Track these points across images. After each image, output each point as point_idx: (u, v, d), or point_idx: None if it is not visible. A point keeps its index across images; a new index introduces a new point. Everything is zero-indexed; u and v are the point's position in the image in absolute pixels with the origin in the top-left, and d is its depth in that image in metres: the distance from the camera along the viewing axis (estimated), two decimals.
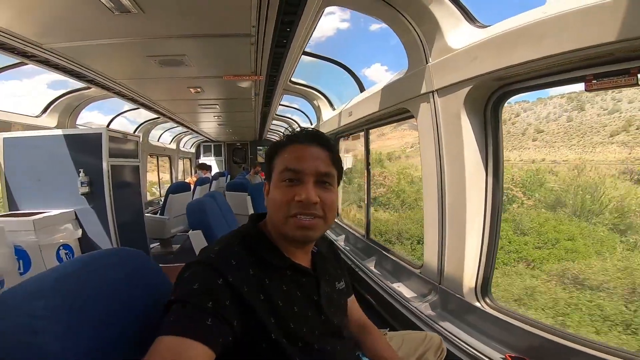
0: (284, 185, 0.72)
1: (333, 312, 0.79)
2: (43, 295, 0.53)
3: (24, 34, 1.79)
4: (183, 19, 1.83)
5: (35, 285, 0.56)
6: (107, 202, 2.90)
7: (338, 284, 0.88)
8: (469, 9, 1.58)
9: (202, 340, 0.54)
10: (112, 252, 0.74)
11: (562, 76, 1.25)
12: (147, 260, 0.79)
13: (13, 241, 2.29)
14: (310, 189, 0.70)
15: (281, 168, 0.72)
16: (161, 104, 4.05)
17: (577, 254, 3.41)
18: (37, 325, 0.50)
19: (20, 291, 0.54)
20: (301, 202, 0.69)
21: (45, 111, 3.62)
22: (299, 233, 0.71)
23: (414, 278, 2.07)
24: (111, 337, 0.60)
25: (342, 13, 29.71)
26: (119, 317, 0.63)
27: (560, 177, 4.92)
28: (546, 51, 1.15)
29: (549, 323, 1.36)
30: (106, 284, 0.65)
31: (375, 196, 6.39)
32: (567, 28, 1.07)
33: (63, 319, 0.53)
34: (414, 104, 1.84)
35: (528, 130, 6.74)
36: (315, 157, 0.73)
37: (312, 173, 0.71)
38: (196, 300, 0.58)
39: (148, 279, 0.75)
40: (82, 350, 0.54)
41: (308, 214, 0.70)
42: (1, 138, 2.80)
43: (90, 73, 2.53)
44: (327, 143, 0.77)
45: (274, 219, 0.74)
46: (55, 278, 0.58)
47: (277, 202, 0.71)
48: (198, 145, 10.40)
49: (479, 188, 1.55)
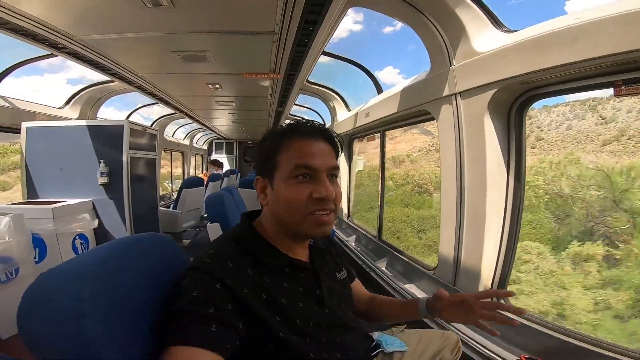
0: (296, 183, 0.70)
1: (337, 304, 0.80)
2: (87, 277, 0.52)
3: (58, 25, 1.85)
4: (210, 14, 1.87)
5: (78, 267, 0.55)
6: (124, 193, 2.96)
7: (339, 275, 0.88)
8: (495, 14, 1.58)
9: (210, 348, 0.54)
10: (146, 237, 0.73)
11: (590, 81, 1.25)
12: (175, 247, 0.80)
13: (31, 229, 2.29)
14: (328, 186, 0.70)
15: (292, 165, 0.70)
16: (179, 99, 4.12)
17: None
18: (82, 309, 0.48)
19: (63, 273, 0.54)
20: (320, 199, 0.69)
21: (69, 103, 3.72)
22: (319, 230, 0.71)
23: (426, 279, 2.06)
24: (149, 322, 0.60)
25: (355, 15, 29.73)
26: (155, 302, 0.63)
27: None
28: (578, 56, 1.14)
29: (564, 324, 1.35)
30: (144, 268, 0.65)
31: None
32: (602, 33, 1.06)
33: (106, 302, 0.52)
34: (436, 105, 1.84)
35: (529, 138, 6.67)
36: (325, 152, 0.72)
37: (325, 169, 0.71)
38: (198, 309, 0.57)
39: (178, 264, 0.76)
40: (122, 335, 0.53)
41: (326, 210, 0.70)
42: (24, 127, 2.89)
43: (114, 66, 2.59)
44: (331, 137, 0.76)
45: (286, 218, 0.72)
46: (98, 260, 0.57)
47: (293, 201, 0.69)
48: (210, 142, 10.52)
49: (500, 190, 1.54)
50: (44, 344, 0.48)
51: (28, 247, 2.12)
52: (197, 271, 0.63)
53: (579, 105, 6.03)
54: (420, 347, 1.03)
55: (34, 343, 0.49)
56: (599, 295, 2.77)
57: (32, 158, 2.91)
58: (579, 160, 3.51)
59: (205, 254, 0.68)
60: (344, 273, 0.90)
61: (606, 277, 2.92)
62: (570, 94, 1.37)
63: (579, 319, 2.74)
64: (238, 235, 0.75)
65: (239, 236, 0.74)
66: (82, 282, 0.50)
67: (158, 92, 3.65)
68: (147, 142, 3.36)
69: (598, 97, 4.24)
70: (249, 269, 0.67)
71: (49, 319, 0.48)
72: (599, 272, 2.98)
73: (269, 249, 0.73)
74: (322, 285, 0.77)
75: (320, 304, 0.75)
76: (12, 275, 1.98)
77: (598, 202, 3.09)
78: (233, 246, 0.71)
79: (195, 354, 0.53)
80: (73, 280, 0.51)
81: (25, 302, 0.50)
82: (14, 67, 3.02)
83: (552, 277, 3.27)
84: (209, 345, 0.54)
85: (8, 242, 1.94)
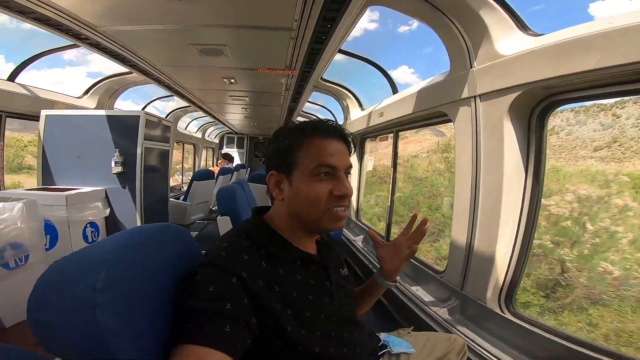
0: (318, 180, 0.72)
1: (344, 298, 0.81)
2: (104, 266, 0.50)
3: (83, 16, 1.88)
4: (230, 8, 1.88)
5: (96, 255, 0.54)
6: (137, 183, 3.01)
7: (342, 271, 0.89)
8: (521, 17, 1.55)
9: (222, 349, 0.54)
10: (163, 227, 0.71)
11: (615, 88, 1.22)
12: (190, 238, 0.79)
13: (44, 215, 2.32)
14: (348, 184, 0.74)
15: (315, 163, 0.72)
16: (194, 92, 4.16)
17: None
18: (98, 299, 0.46)
19: (80, 260, 0.52)
20: (340, 196, 0.72)
21: (87, 93, 3.80)
22: (337, 224, 0.75)
23: (434, 282, 2.04)
24: (163, 314, 0.59)
25: (370, 13, 29.34)
26: (171, 295, 0.62)
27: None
28: (604, 62, 1.11)
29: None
30: (161, 260, 0.64)
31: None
32: (629, 40, 1.04)
33: (122, 293, 0.50)
34: (453, 107, 1.82)
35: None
36: (342, 153, 0.76)
37: (343, 167, 0.74)
38: (213, 306, 0.57)
39: (193, 257, 0.75)
40: (136, 327, 0.52)
41: (342, 206, 0.74)
42: (43, 114, 2.95)
43: (134, 58, 2.63)
44: (347, 137, 0.79)
45: (305, 214, 0.74)
46: (117, 248, 0.56)
47: (314, 198, 0.72)
48: (222, 136, 10.62)
49: (516, 195, 1.52)
50: (55, 334, 0.47)
51: (39, 234, 2.12)
52: (212, 266, 0.63)
53: (583, 111, 6.01)
54: (427, 349, 1.04)
55: (45, 333, 0.47)
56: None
57: (50, 145, 2.98)
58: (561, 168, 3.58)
59: (220, 247, 0.68)
60: (346, 270, 0.92)
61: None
62: (593, 101, 1.33)
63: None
64: (250, 229, 0.76)
65: (251, 230, 0.75)
66: (99, 271, 0.48)
67: (174, 85, 3.69)
68: (161, 134, 3.41)
69: (603, 103, 4.14)
70: (262, 262, 0.68)
71: (63, 308, 0.46)
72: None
73: (281, 243, 0.75)
74: (331, 279, 0.79)
75: (330, 297, 0.76)
76: (21, 262, 1.98)
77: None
78: (246, 239, 0.72)
79: (208, 354, 0.53)
80: (90, 269, 0.49)
81: (39, 290, 0.48)
82: (35, 57, 3.09)
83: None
84: (221, 345, 0.54)
85: (20, 228, 1.94)
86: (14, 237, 1.93)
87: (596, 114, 2.56)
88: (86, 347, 0.46)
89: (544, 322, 1.43)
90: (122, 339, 0.47)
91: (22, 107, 2.94)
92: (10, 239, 1.92)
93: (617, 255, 1.92)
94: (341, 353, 0.72)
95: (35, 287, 0.48)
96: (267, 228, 0.77)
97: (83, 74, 10.68)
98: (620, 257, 1.91)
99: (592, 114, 2.57)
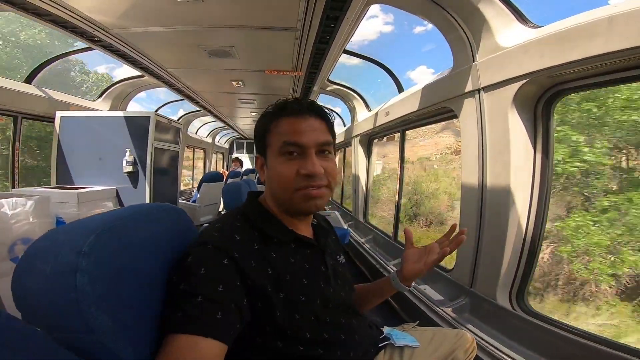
0: (285, 160, 0.70)
1: (341, 284, 0.78)
2: (95, 231, 0.48)
3: (96, 18, 1.96)
4: (236, 9, 1.93)
5: (90, 221, 0.53)
6: (147, 181, 3.07)
7: (339, 258, 0.86)
8: (520, 9, 1.55)
9: (214, 336, 0.53)
10: (162, 205, 0.71)
11: (623, 74, 1.19)
12: (188, 219, 0.78)
13: (56, 213, 2.34)
14: (315, 161, 0.69)
15: (280, 142, 0.70)
16: (204, 95, 4.25)
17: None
18: (81, 263, 0.44)
19: (73, 228, 0.51)
20: (307, 175, 0.68)
21: (101, 96, 3.93)
22: (307, 204, 0.70)
23: (442, 281, 2.01)
24: (154, 290, 0.58)
25: (385, 16, 29.70)
26: (161, 272, 0.61)
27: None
28: (607, 48, 1.09)
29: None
30: (156, 234, 0.63)
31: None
32: (634, 24, 1.02)
33: (108, 260, 0.48)
34: (458, 102, 1.81)
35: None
36: (314, 128, 0.71)
37: (313, 145, 0.70)
38: (205, 290, 0.56)
39: (189, 237, 0.73)
40: (121, 298, 0.50)
41: (315, 185, 0.69)
42: (59, 116, 3.06)
43: (145, 60, 2.71)
44: (322, 112, 0.75)
45: (278, 195, 0.72)
46: (111, 217, 0.56)
47: (281, 177, 0.69)
48: (232, 141, 10.79)
49: (525, 187, 1.48)
50: (34, 302, 0.45)
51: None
52: (204, 246, 0.61)
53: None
54: (433, 345, 0.97)
55: (24, 300, 0.45)
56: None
57: (65, 145, 3.09)
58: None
59: (214, 227, 0.67)
60: (343, 258, 0.89)
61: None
62: (601, 88, 1.31)
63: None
64: (245, 210, 0.75)
65: (245, 211, 0.74)
66: (88, 237, 0.47)
67: (184, 88, 3.79)
68: (171, 135, 3.48)
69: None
70: (255, 243, 0.67)
71: (44, 273, 0.44)
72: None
73: (275, 224, 0.73)
74: (327, 264, 0.76)
75: (326, 282, 0.74)
76: None
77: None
78: (240, 220, 0.71)
79: (199, 342, 0.52)
80: (79, 234, 0.48)
81: (26, 257, 0.47)
82: (51, 59, 3.22)
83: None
84: (213, 334, 0.53)
85: (31, 223, 1.97)
86: (25, 232, 1.97)
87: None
88: (62, 314, 0.44)
89: (558, 318, 1.38)
90: (100, 307, 0.45)
91: (37, 109, 3.05)
92: (22, 234, 1.96)
93: None
94: (338, 338, 0.70)
95: (24, 254, 0.48)
96: (261, 208, 0.76)
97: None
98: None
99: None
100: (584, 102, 1.91)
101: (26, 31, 9.72)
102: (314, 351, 0.66)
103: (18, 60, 9.36)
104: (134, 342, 0.50)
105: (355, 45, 2.73)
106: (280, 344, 0.64)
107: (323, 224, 0.89)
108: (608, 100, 1.80)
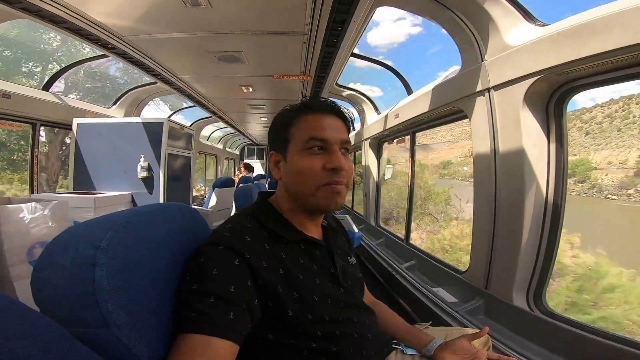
0: (310, 154, 0.70)
1: (351, 285, 0.77)
2: (113, 227, 0.50)
3: (111, 26, 2.03)
4: (244, 14, 1.97)
5: (109, 218, 0.55)
6: (160, 186, 3.13)
7: (350, 259, 0.85)
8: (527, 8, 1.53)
9: (226, 336, 0.53)
10: (176, 204, 0.73)
11: (634, 70, 1.15)
12: (202, 219, 0.79)
13: (73, 217, 2.41)
14: (341, 157, 0.70)
15: (306, 137, 0.70)
16: (215, 101, 4.32)
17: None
18: (99, 258, 0.45)
19: (94, 223, 0.53)
20: (333, 170, 0.69)
21: (116, 103, 4.04)
22: (329, 202, 0.70)
23: (456, 283, 1.96)
24: (168, 285, 0.59)
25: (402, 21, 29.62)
26: (175, 269, 0.62)
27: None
28: (618, 43, 1.06)
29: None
30: (170, 231, 0.64)
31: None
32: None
33: (125, 255, 0.49)
34: (468, 102, 1.78)
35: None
36: (337, 127, 0.73)
37: (337, 142, 0.71)
38: (217, 290, 0.56)
39: (202, 235, 0.74)
40: (137, 292, 0.51)
41: (338, 182, 0.70)
42: (75, 122, 3.16)
43: (158, 67, 2.78)
44: (343, 114, 0.77)
45: (299, 190, 0.72)
46: (128, 213, 0.57)
47: (307, 171, 0.69)
48: (243, 147, 10.92)
49: (539, 186, 1.44)
50: (52, 294, 0.46)
51: None
52: (216, 247, 0.62)
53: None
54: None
55: (43, 293, 0.46)
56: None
57: (82, 151, 3.19)
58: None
59: (224, 228, 0.68)
60: (354, 260, 0.88)
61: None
62: (614, 84, 1.27)
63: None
64: (255, 210, 0.75)
65: (255, 211, 0.75)
66: (106, 232, 0.49)
67: (195, 95, 3.86)
68: (183, 140, 3.56)
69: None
70: (265, 244, 0.67)
71: (64, 266, 0.46)
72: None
73: (285, 224, 0.73)
74: (336, 264, 0.76)
75: (335, 283, 0.73)
76: None
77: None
78: (250, 221, 0.71)
79: (212, 343, 0.52)
80: (98, 229, 0.50)
81: (47, 250, 0.48)
82: (68, 67, 3.33)
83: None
84: (225, 334, 0.54)
85: (50, 227, 2.04)
86: (43, 235, 2.03)
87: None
88: (80, 307, 0.45)
89: (578, 319, 1.33)
90: (116, 301, 0.46)
91: (54, 116, 3.16)
92: (40, 238, 2.03)
93: None
94: (350, 335, 0.70)
95: (46, 247, 0.49)
96: (270, 208, 0.76)
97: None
98: None
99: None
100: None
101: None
102: (327, 347, 0.66)
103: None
104: (148, 338, 0.51)
105: (362, 49, 2.73)
106: (292, 340, 0.64)
107: (333, 224, 0.89)
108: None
